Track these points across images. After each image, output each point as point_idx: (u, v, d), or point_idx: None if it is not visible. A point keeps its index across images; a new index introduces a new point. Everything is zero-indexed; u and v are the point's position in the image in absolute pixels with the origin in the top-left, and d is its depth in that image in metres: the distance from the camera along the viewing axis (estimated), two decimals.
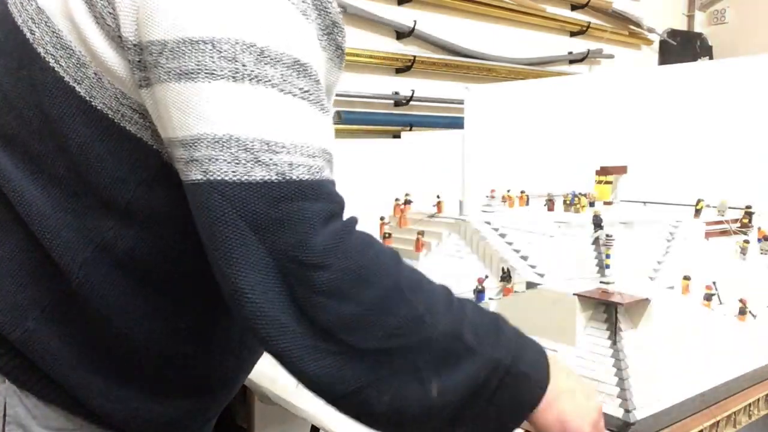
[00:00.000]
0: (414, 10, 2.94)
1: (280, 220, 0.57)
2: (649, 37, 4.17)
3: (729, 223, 1.36)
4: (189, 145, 0.58)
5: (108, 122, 0.65)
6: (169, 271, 0.69)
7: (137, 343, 0.70)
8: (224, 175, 0.57)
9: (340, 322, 0.57)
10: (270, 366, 1.12)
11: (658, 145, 1.72)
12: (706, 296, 1.12)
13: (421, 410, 0.60)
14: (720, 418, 0.91)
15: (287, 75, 0.60)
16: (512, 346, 0.64)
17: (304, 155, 0.59)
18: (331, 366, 0.58)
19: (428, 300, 0.62)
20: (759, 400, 1.00)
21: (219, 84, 0.58)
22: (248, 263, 0.57)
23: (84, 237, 0.66)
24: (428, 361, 0.60)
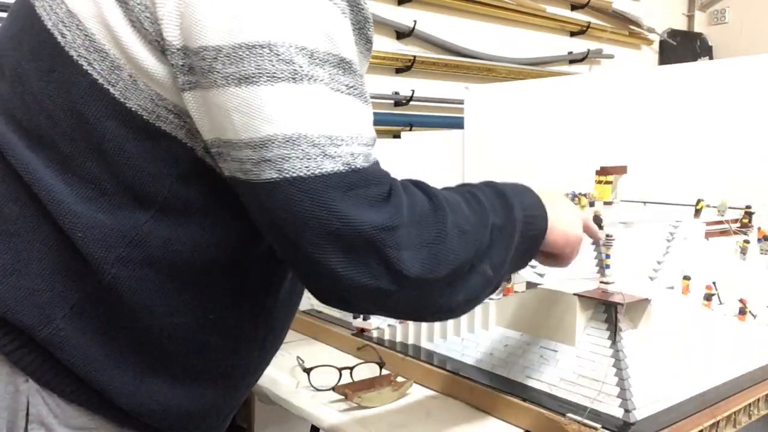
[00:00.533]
0: (414, 10, 2.94)
1: (354, 204, 0.63)
2: (649, 37, 4.17)
3: (729, 223, 1.36)
4: (258, 147, 0.62)
5: (143, 122, 0.67)
6: (201, 264, 0.72)
7: (168, 336, 0.72)
8: (299, 171, 0.62)
9: (422, 264, 0.67)
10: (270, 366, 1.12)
11: (658, 145, 1.72)
12: (706, 296, 1.12)
13: (485, 288, 0.76)
14: (720, 418, 0.91)
15: (334, 74, 0.65)
16: (518, 202, 0.80)
17: (361, 145, 0.66)
18: (419, 303, 0.70)
19: (462, 213, 0.73)
20: (759, 400, 1.00)
21: (281, 86, 0.62)
22: (334, 246, 0.63)
23: (117, 233, 0.68)
24: (481, 256, 0.73)
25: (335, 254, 0.63)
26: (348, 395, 1.00)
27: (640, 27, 4.06)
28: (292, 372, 1.15)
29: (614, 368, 0.92)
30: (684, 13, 4.57)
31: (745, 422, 0.97)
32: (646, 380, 0.92)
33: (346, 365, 1.10)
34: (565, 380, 0.95)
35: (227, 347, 0.78)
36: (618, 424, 0.86)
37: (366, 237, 0.64)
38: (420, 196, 0.71)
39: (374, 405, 1.01)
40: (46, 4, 0.71)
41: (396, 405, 1.02)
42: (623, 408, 0.88)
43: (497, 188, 0.81)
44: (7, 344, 0.69)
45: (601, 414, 0.88)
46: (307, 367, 1.10)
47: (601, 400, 0.90)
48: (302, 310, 1.42)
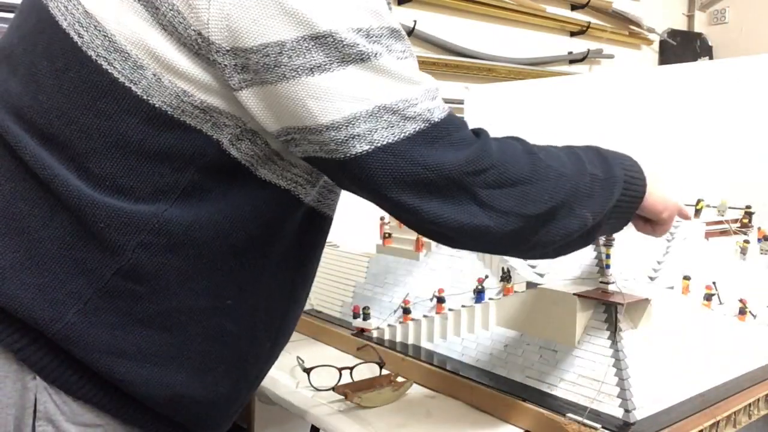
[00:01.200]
0: (414, 10, 2.94)
1: (443, 153, 0.69)
2: (649, 37, 4.17)
3: (729, 223, 1.36)
4: (344, 126, 0.67)
5: (167, 117, 0.69)
6: (221, 249, 0.74)
7: (186, 320, 0.74)
8: (387, 139, 0.68)
9: (517, 200, 0.72)
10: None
11: (658, 146, 1.72)
12: (706, 296, 1.12)
13: (583, 234, 0.80)
14: (720, 418, 0.91)
15: (390, 44, 0.70)
16: (618, 162, 0.84)
17: (430, 99, 0.71)
18: (518, 234, 0.74)
19: (559, 159, 0.78)
20: (759, 400, 1.00)
21: (351, 68, 0.67)
22: (433, 194, 0.70)
23: (138, 221, 0.69)
24: (578, 200, 0.77)
25: (434, 202, 0.70)
26: (348, 395, 1.00)
27: (640, 27, 4.06)
28: (292, 372, 1.15)
29: (614, 368, 0.92)
30: (684, 13, 4.57)
31: (745, 422, 0.97)
32: (646, 380, 0.92)
33: (346, 365, 1.10)
34: (565, 380, 0.95)
35: (243, 334, 0.79)
36: (618, 424, 0.86)
37: (458, 181, 0.70)
38: (512, 142, 0.77)
39: (374, 405, 1.01)
40: (60, 4, 0.72)
41: (396, 405, 1.02)
42: (623, 408, 0.88)
43: (598, 149, 0.86)
44: (15, 342, 0.70)
45: (601, 414, 0.88)
46: (307, 367, 1.10)
47: (601, 400, 0.90)
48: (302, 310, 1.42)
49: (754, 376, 1.06)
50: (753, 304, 1.15)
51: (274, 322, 0.84)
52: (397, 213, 0.73)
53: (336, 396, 1.03)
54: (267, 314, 0.82)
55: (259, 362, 0.85)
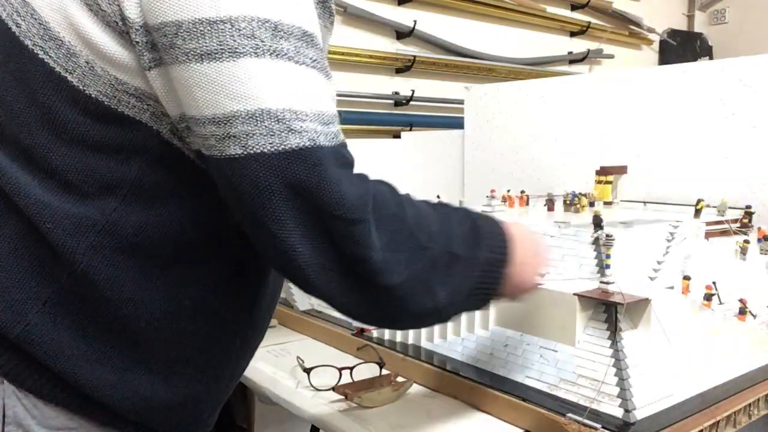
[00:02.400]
0: (414, 10, 2.94)
1: (319, 182, 0.63)
2: (649, 37, 4.17)
3: (729, 223, 1.36)
4: (222, 123, 0.61)
5: (105, 108, 0.66)
6: (173, 249, 0.71)
7: (145, 325, 0.71)
8: (263, 147, 0.61)
9: (373, 268, 0.66)
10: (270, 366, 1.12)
11: (658, 145, 1.72)
12: (706, 296, 1.12)
13: (435, 312, 0.75)
14: (720, 418, 0.91)
15: (299, 47, 0.64)
16: (486, 241, 0.78)
17: (323, 123, 0.65)
18: (367, 301, 0.69)
19: (426, 227, 0.72)
20: (759, 400, 1.00)
21: (243, 61, 0.61)
22: (296, 222, 0.63)
23: (87, 221, 0.67)
24: (434, 277, 0.72)
25: (296, 231, 0.63)
26: (348, 395, 1.00)
27: (640, 27, 4.06)
28: (292, 372, 1.15)
29: (614, 368, 0.92)
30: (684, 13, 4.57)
31: (745, 422, 0.97)
32: (646, 380, 0.92)
33: (346, 365, 1.10)
34: (565, 380, 0.95)
35: (206, 335, 0.77)
36: (618, 424, 0.86)
37: (321, 220, 0.63)
38: (385, 193, 0.71)
39: (374, 405, 1.01)
40: None
41: (396, 405, 1.02)
42: (623, 408, 0.88)
43: (474, 221, 0.80)
44: None
45: (601, 414, 0.88)
46: (307, 367, 1.10)
47: (601, 400, 0.89)
48: (302, 310, 1.42)
49: (754, 376, 1.06)
50: (753, 304, 1.15)
51: (240, 319, 0.81)
52: (255, 234, 0.66)
53: (336, 396, 1.03)
54: (231, 312, 0.79)
55: (231, 361, 0.82)
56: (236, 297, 0.79)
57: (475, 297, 0.79)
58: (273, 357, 1.23)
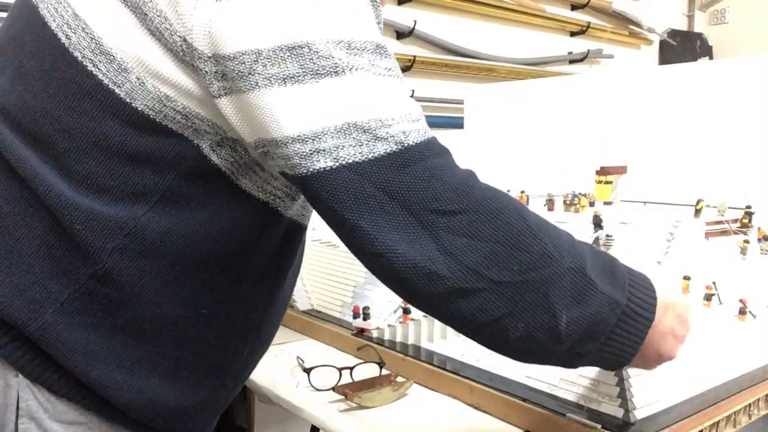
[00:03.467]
0: (414, 10, 2.94)
1: (411, 181, 0.64)
2: (649, 37, 4.17)
3: (729, 223, 1.36)
4: (310, 140, 0.64)
5: (149, 121, 0.68)
6: (197, 258, 0.73)
7: (160, 328, 0.73)
8: (353, 157, 0.64)
9: (482, 259, 0.64)
10: (270, 366, 1.12)
11: (658, 145, 1.72)
12: (706, 296, 1.12)
13: (549, 340, 0.67)
14: (720, 418, 0.91)
15: (373, 59, 0.67)
16: (626, 286, 0.71)
17: (410, 121, 0.66)
18: (474, 301, 0.65)
19: (555, 238, 0.68)
20: (759, 400, 1.00)
21: (325, 81, 0.64)
22: (391, 225, 0.64)
23: (115, 224, 0.69)
24: (558, 294, 0.66)
25: (392, 234, 0.64)
26: (348, 395, 1.00)
27: (640, 27, 4.06)
28: (292, 372, 1.15)
29: None
30: (684, 13, 4.57)
31: (745, 422, 0.97)
32: (646, 380, 0.92)
33: (346, 365, 1.10)
34: (565, 380, 0.95)
35: (218, 344, 0.79)
36: (618, 424, 0.86)
37: (419, 216, 0.64)
38: (505, 195, 0.69)
39: (374, 405, 1.01)
40: (50, 6, 0.72)
41: (396, 405, 1.02)
42: (623, 408, 0.88)
43: (613, 261, 0.73)
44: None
45: (601, 414, 0.88)
46: (307, 367, 1.10)
47: (601, 400, 0.89)
48: (302, 310, 1.42)
49: (754, 376, 1.06)
50: (753, 304, 1.15)
51: (251, 332, 0.83)
52: (352, 239, 0.67)
53: (336, 396, 1.03)
54: (243, 324, 0.81)
55: (237, 370, 0.84)
56: (249, 308, 0.81)
57: (611, 349, 0.71)
58: (273, 357, 1.23)
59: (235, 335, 0.80)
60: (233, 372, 0.84)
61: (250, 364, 0.87)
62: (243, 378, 0.88)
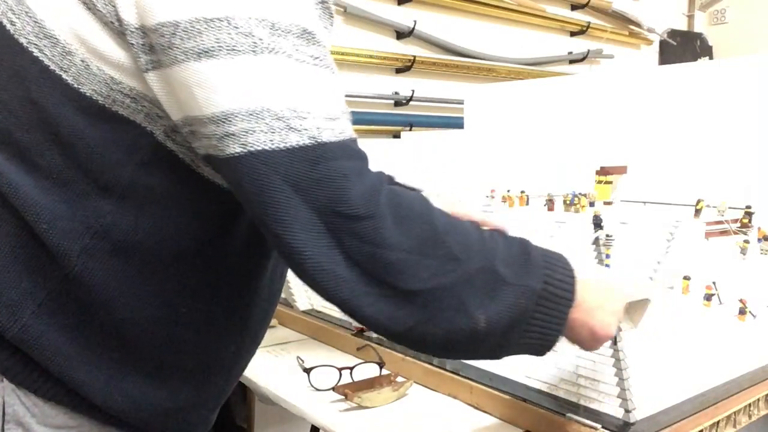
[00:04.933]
0: (414, 10, 2.94)
1: (320, 179, 0.61)
2: (649, 37, 4.17)
3: (729, 223, 1.36)
4: (221, 121, 0.61)
5: (99, 108, 0.66)
6: (169, 254, 0.70)
7: (139, 330, 0.71)
8: (263, 144, 0.61)
9: (388, 267, 0.63)
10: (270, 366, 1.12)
11: (658, 145, 1.72)
12: (706, 296, 1.12)
13: (471, 340, 0.67)
14: (720, 418, 0.91)
15: (298, 44, 0.63)
16: (541, 270, 0.70)
17: (327, 119, 0.63)
18: (386, 309, 0.64)
19: (462, 239, 0.67)
20: (759, 400, 1.00)
21: (241, 59, 0.60)
22: (299, 223, 0.61)
23: (82, 224, 0.67)
24: (471, 295, 0.66)
25: (301, 232, 0.61)
26: (348, 395, 1.00)
27: (640, 27, 4.06)
28: (292, 372, 1.15)
29: (614, 368, 0.92)
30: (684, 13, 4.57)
31: (745, 422, 0.97)
32: (646, 380, 0.92)
33: (346, 365, 1.10)
34: (565, 380, 0.95)
35: (200, 342, 0.76)
36: (618, 424, 0.86)
37: (324, 218, 0.61)
38: (415, 198, 0.67)
39: (374, 405, 1.01)
40: None
41: (396, 405, 1.02)
42: (623, 408, 0.88)
43: (527, 247, 0.72)
44: None
45: (601, 414, 0.88)
46: (307, 367, 1.10)
47: (601, 400, 0.89)
48: (302, 310, 1.42)
49: (754, 376, 1.05)
50: (753, 304, 1.15)
51: (235, 327, 0.80)
52: (266, 234, 0.64)
53: (336, 396, 1.03)
54: (227, 320, 0.78)
55: (225, 367, 0.82)
56: (231, 304, 0.78)
57: (531, 335, 0.70)
58: (273, 357, 1.23)
59: (218, 332, 0.78)
60: (222, 369, 0.81)
61: (240, 359, 0.84)
62: (235, 374, 0.85)
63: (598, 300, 0.74)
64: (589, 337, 0.75)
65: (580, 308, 0.72)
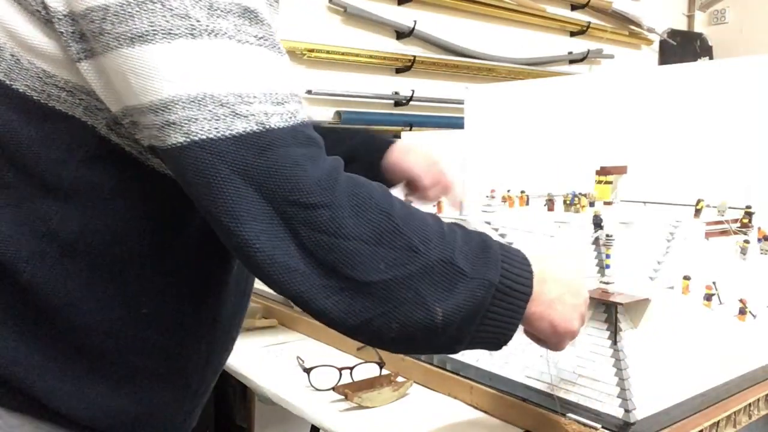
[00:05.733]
0: (414, 10, 2.94)
1: (270, 167, 0.58)
2: (649, 37, 4.17)
3: (729, 223, 1.36)
4: (161, 110, 0.58)
5: (34, 104, 0.63)
6: (122, 254, 0.67)
7: (102, 335, 0.68)
8: (207, 133, 0.57)
9: (343, 258, 0.60)
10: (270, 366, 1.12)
11: (658, 145, 1.72)
12: (706, 296, 1.12)
13: (427, 333, 0.65)
14: (720, 418, 0.91)
15: (240, 24, 0.59)
16: (498, 264, 0.68)
17: (274, 103, 0.60)
18: (341, 301, 0.61)
19: (421, 230, 0.65)
20: (759, 400, 1.00)
21: (179, 43, 0.57)
22: (250, 214, 0.58)
23: (27, 228, 0.64)
24: (429, 288, 0.63)
25: (250, 223, 0.58)
26: (348, 395, 1.00)
27: (640, 27, 4.06)
28: (292, 372, 1.15)
29: (614, 368, 0.92)
30: (684, 13, 4.57)
31: (745, 422, 0.97)
32: (646, 380, 0.92)
33: (346, 365, 1.10)
34: (565, 380, 0.95)
35: (168, 343, 0.73)
36: (618, 424, 0.86)
37: (277, 208, 0.58)
38: (372, 187, 0.64)
39: (374, 405, 1.01)
40: None
41: (396, 405, 1.02)
42: (623, 408, 0.88)
43: (486, 242, 0.70)
44: None
45: (601, 414, 0.88)
46: (307, 367, 1.10)
47: (601, 400, 0.89)
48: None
49: (754, 376, 1.05)
50: (753, 304, 1.15)
51: (204, 324, 0.76)
52: (214, 227, 0.61)
53: (336, 396, 1.03)
54: (194, 318, 0.75)
55: (198, 367, 0.78)
56: (197, 301, 0.74)
57: (489, 329, 0.68)
58: (273, 357, 1.23)
59: (187, 332, 0.74)
60: (195, 370, 0.77)
61: (213, 357, 0.80)
62: (209, 374, 0.81)
63: (557, 293, 0.73)
64: (550, 331, 0.74)
65: (538, 301, 0.71)
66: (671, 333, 1.02)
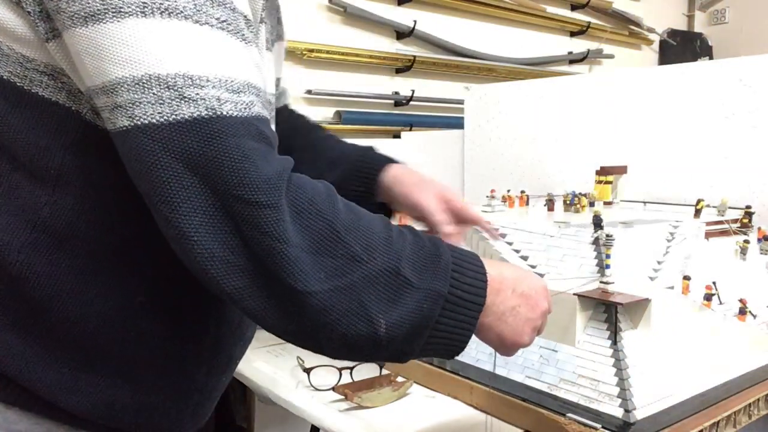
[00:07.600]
0: (414, 10, 2.94)
1: (218, 157, 0.55)
2: (649, 37, 4.17)
3: (729, 223, 1.36)
4: (110, 92, 0.56)
5: (18, 90, 0.62)
6: (114, 242, 0.66)
7: (97, 326, 0.67)
8: (150, 117, 0.55)
9: (284, 264, 0.57)
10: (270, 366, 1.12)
11: (658, 145, 1.72)
12: (706, 296, 1.12)
13: (371, 345, 0.62)
14: (720, 418, 0.91)
15: (201, 4, 0.57)
16: (449, 274, 0.65)
17: (230, 90, 0.57)
18: (279, 307, 0.59)
19: (365, 238, 0.62)
20: (759, 400, 1.00)
21: (129, 22, 0.55)
22: (191, 206, 0.56)
23: (19, 219, 0.63)
24: (372, 299, 0.60)
25: (190, 217, 0.56)
26: (348, 395, 1.00)
27: (640, 27, 4.06)
28: (292, 372, 1.15)
29: (614, 368, 0.92)
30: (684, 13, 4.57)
31: (745, 422, 0.97)
32: (646, 380, 0.92)
33: (346, 365, 1.10)
34: (565, 380, 0.95)
35: (167, 333, 0.71)
36: (618, 424, 0.86)
37: (223, 201, 0.56)
38: (313, 191, 0.61)
39: (374, 405, 1.01)
40: None
41: (396, 405, 1.02)
42: (623, 408, 0.88)
43: (438, 247, 0.66)
44: None
45: (601, 414, 0.88)
46: (307, 367, 1.10)
47: (601, 400, 0.90)
48: None
49: (754, 376, 1.06)
50: (753, 304, 1.15)
51: (208, 315, 0.74)
52: (154, 214, 0.58)
53: (336, 396, 1.03)
54: (195, 309, 0.73)
55: (203, 359, 0.75)
56: (194, 288, 0.69)
57: (440, 341, 0.66)
58: (273, 357, 1.23)
59: (187, 323, 0.72)
60: (200, 362, 0.75)
61: (222, 349, 0.78)
62: (219, 364, 0.78)
63: (510, 304, 0.70)
64: (498, 343, 0.72)
65: (488, 311, 0.68)
66: (671, 333, 1.02)
